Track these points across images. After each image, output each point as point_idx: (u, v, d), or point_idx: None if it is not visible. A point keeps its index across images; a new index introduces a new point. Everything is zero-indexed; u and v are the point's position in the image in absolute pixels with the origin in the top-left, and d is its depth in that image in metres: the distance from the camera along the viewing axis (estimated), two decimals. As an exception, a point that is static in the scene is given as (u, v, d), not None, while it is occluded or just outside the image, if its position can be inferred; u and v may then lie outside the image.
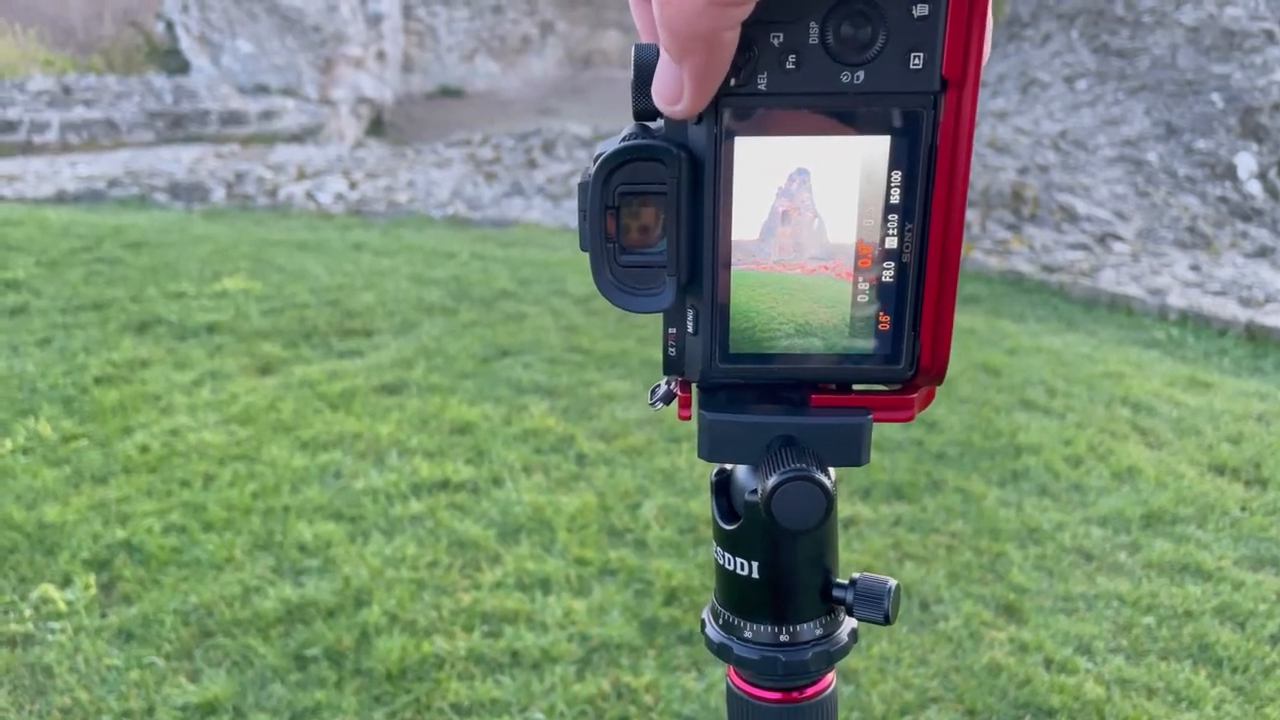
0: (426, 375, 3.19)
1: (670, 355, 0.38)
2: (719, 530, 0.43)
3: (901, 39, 0.32)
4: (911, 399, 0.37)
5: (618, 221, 0.34)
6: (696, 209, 0.34)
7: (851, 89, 0.32)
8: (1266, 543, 2.40)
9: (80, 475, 2.52)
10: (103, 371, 3.14)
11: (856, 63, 0.32)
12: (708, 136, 0.33)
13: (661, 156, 0.33)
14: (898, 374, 0.36)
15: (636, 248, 0.35)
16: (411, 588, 2.07)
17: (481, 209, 6.28)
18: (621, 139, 0.34)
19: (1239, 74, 7.41)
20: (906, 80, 0.32)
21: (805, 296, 0.35)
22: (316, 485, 2.49)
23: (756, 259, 0.34)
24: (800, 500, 0.35)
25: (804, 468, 0.35)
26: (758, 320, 0.35)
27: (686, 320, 0.37)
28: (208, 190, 6.45)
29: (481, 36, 11.95)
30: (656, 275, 0.35)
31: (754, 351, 0.36)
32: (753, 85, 0.32)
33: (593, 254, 0.35)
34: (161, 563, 2.14)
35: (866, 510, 2.46)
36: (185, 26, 9.57)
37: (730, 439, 0.38)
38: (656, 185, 0.34)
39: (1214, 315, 4.33)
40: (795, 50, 0.32)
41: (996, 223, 5.79)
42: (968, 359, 3.55)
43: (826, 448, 0.37)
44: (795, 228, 0.34)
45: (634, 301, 0.35)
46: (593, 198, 0.34)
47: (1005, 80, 8.86)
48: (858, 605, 0.43)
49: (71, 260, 4.33)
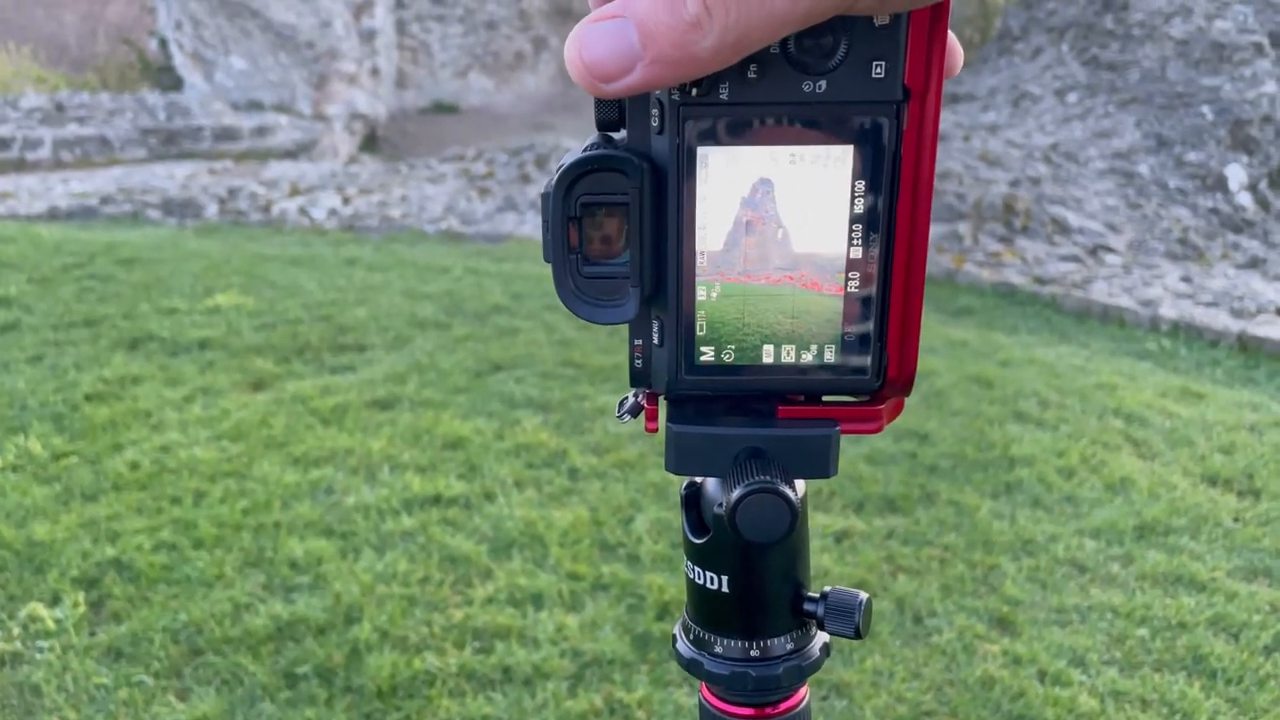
0: (419, 390, 3.19)
1: (636, 367, 0.37)
2: (689, 544, 0.43)
3: (863, 48, 0.32)
4: (879, 410, 0.37)
5: (580, 232, 0.34)
6: (660, 219, 0.34)
7: (814, 98, 0.32)
8: (1260, 553, 2.40)
9: (70, 493, 2.51)
10: (94, 388, 3.13)
11: (818, 72, 0.32)
12: (670, 147, 0.33)
13: (623, 167, 0.33)
14: (865, 385, 0.36)
15: (599, 259, 0.35)
16: (403, 604, 2.06)
17: (475, 224, 6.29)
18: (583, 149, 0.34)
19: (1228, 86, 7.45)
20: (869, 89, 0.32)
21: (771, 307, 0.35)
22: (308, 501, 2.48)
23: (721, 270, 0.34)
24: (764, 513, 0.35)
25: (768, 480, 0.35)
26: (723, 331, 0.35)
27: (652, 332, 0.36)
28: (201, 206, 6.45)
29: (475, 52, 11.99)
30: (620, 287, 0.35)
31: (720, 363, 0.36)
32: (714, 95, 0.32)
33: (555, 265, 0.35)
34: (151, 580, 2.13)
35: (860, 523, 2.46)
36: (179, 43, 9.58)
37: (697, 451, 0.38)
38: (619, 196, 0.33)
39: (1206, 326, 4.34)
40: (757, 59, 0.32)
41: (988, 235, 5.80)
42: (960, 371, 3.55)
43: (794, 460, 0.37)
44: (760, 238, 0.34)
45: (597, 313, 0.35)
46: (554, 208, 0.34)
47: (996, 93, 8.91)
48: (828, 619, 0.43)
49: (63, 277, 4.32)
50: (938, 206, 6.11)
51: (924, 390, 3.35)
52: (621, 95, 0.30)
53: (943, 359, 3.69)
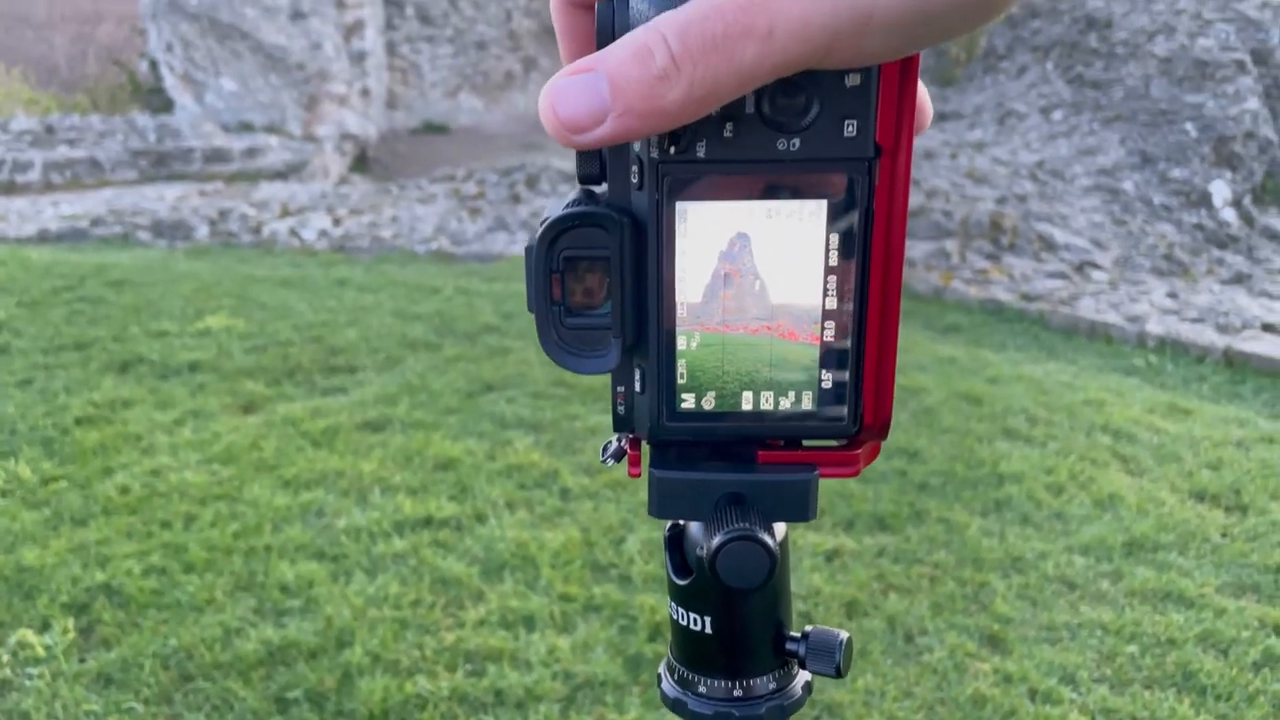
0: (410, 411, 3.19)
1: (619, 413, 0.38)
2: (672, 585, 0.44)
3: (835, 107, 0.33)
4: (856, 454, 0.38)
5: (563, 285, 0.35)
6: (640, 272, 0.35)
7: (788, 155, 0.33)
8: (1248, 569, 2.42)
9: (60, 517, 2.50)
10: (84, 412, 3.13)
11: (792, 130, 0.33)
12: (649, 202, 0.34)
13: (603, 223, 0.34)
14: (842, 430, 0.37)
15: (582, 310, 0.36)
16: (394, 627, 2.06)
17: (466, 244, 6.30)
18: (566, 205, 0.35)
19: (1211, 103, 7.52)
20: (841, 147, 0.33)
21: (749, 356, 0.36)
22: (299, 524, 2.48)
23: (701, 320, 0.35)
24: (744, 560, 0.36)
25: (748, 527, 0.36)
26: (703, 379, 0.36)
27: (634, 379, 0.37)
28: (191, 228, 6.45)
29: (465, 73, 12.04)
30: (602, 337, 0.36)
31: (700, 410, 0.37)
32: (692, 153, 0.33)
33: (538, 317, 0.36)
34: (141, 605, 2.13)
35: (850, 542, 2.46)
36: (169, 65, 9.60)
37: (678, 496, 0.39)
38: (600, 250, 0.35)
39: (1192, 342, 4.37)
40: (732, 118, 0.33)
41: (976, 252, 5.84)
42: (949, 388, 3.57)
43: (773, 504, 0.38)
44: (738, 290, 0.35)
45: (580, 364, 0.36)
46: (537, 263, 0.35)
47: (982, 112, 8.97)
48: (810, 658, 0.44)
49: (53, 300, 4.32)
50: (926, 224, 6.15)
51: (913, 408, 3.36)
52: (593, 146, 0.31)
53: (932, 376, 3.71)
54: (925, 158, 7.61)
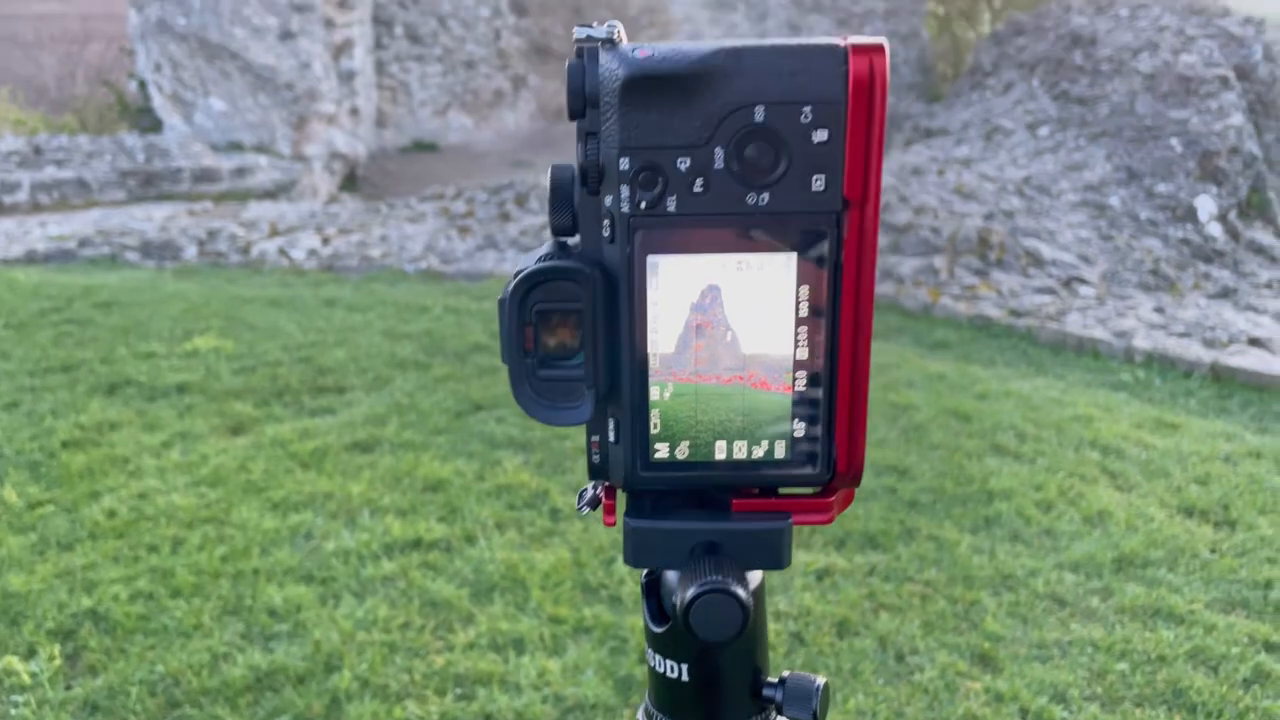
0: (399, 432, 3.18)
1: (594, 462, 0.39)
2: (649, 632, 0.44)
3: (803, 163, 0.33)
4: (830, 501, 0.38)
5: (536, 337, 0.35)
6: (613, 323, 0.35)
7: (758, 210, 0.34)
8: (1237, 584, 2.42)
9: (46, 542, 2.48)
10: (71, 435, 3.11)
11: (761, 185, 0.33)
12: (621, 256, 0.34)
13: (575, 277, 0.34)
14: (815, 478, 0.38)
15: (555, 362, 0.36)
16: (383, 651, 2.05)
17: (455, 262, 6.30)
18: (539, 258, 0.35)
19: (1196, 119, 7.58)
20: (810, 201, 0.34)
21: (722, 405, 0.36)
22: (287, 547, 2.46)
23: (674, 370, 0.36)
24: (716, 613, 0.36)
25: (720, 580, 0.36)
26: (677, 429, 0.36)
27: (609, 429, 0.37)
28: (179, 248, 6.43)
29: (454, 91, 12.06)
30: (575, 389, 0.36)
31: (674, 459, 0.37)
32: (663, 207, 0.34)
33: (512, 369, 0.36)
34: (128, 631, 2.11)
35: (841, 560, 2.46)
36: (158, 85, 9.60)
37: (653, 545, 0.39)
38: (572, 303, 0.35)
39: (1179, 356, 4.39)
40: (702, 174, 0.33)
41: (964, 268, 5.86)
42: (939, 404, 3.58)
43: (748, 552, 0.38)
44: (710, 341, 0.35)
45: (554, 415, 0.36)
46: (510, 315, 0.35)
47: (969, 128, 9.03)
48: (787, 704, 0.44)
49: (40, 321, 4.30)
50: (914, 240, 6.17)
51: (903, 424, 3.37)
52: None
53: (921, 392, 3.72)
54: (913, 174, 7.64)
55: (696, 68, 0.33)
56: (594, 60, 0.32)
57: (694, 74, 0.33)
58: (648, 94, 0.34)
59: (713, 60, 0.33)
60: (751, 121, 0.33)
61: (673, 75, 0.33)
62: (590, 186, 0.35)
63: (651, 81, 0.34)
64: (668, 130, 0.33)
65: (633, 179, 0.34)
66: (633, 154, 0.34)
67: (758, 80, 0.33)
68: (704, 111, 0.33)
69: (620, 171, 0.34)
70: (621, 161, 0.35)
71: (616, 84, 0.31)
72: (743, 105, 0.33)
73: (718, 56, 0.34)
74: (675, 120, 0.33)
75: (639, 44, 0.33)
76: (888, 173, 7.77)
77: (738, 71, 0.33)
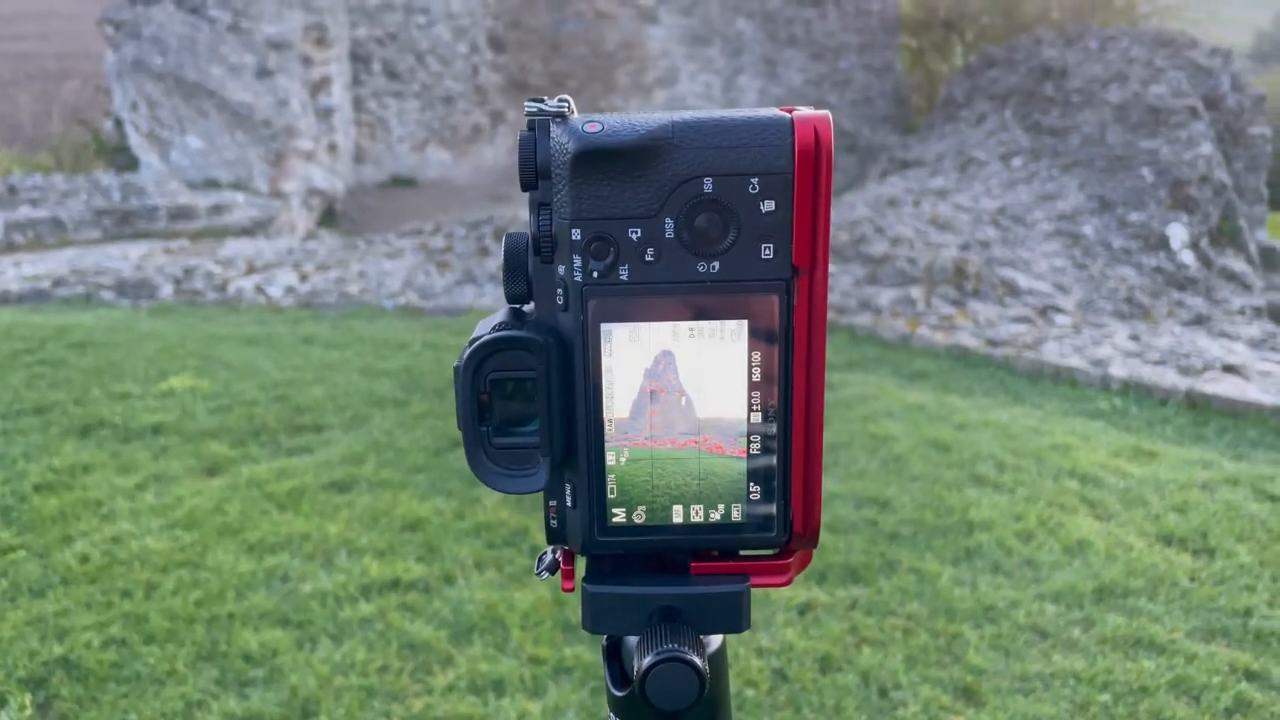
0: (377, 471, 3.16)
1: (552, 526, 0.38)
2: (611, 696, 0.43)
3: (752, 232, 0.33)
4: (788, 564, 0.38)
5: (491, 406, 0.35)
6: (568, 390, 0.35)
7: (708, 277, 0.34)
8: (1216, 613, 2.43)
9: (17, 588, 2.44)
10: (43, 478, 3.07)
11: (711, 254, 0.34)
12: (575, 324, 0.35)
13: (529, 346, 0.34)
14: (772, 540, 0.37)
15: (510, 428, 0.36)
16: (361, 695, 2.02)
17: (434, 298, 6.29)
18: (493, 326, 0.35)
19: (1166, 149, 7.70)
20: (759, 269, 0.34)
21: (678, 470, 0.36)
22: (263, 590, 2.43)
23: (629, 435, 0.36)
24: (672, 682, 0.36)
25: (676, 648, 0.36)
26: (633, 493, 0.36)
27: (566, 494, 0.37)
28: (155, 287, 6.40)
29: (433, 126, 12.11)
30: (531, 456, 0.36)
31: (631, 523, 0.37)
32: (615, 276, 0.34)
33: (466, 438, 0.36)
34: (100, 679, 2.07)
35: (823, 594, 2.45)
36: (134, 124, 9.59)
37: (612, 610, 0.38)
38: (526, 371, 0.35)
39: (1155, 384, 4.42)
40: (653, 244, 0.33)
41: (941, 298, 5.90)
42: (918, 435, 3.59)
43: (707, 615, 0.38)
44: (664, 406, 0.35)
45: (510, 484, 0.36)
46: (464, 385, 0.35)
47: (944, 159, 9.13)
48: None
49: (13, 363, 4.26)
50: (891, 271, 6.22)
51: (883, 455, 3.37)
52: None
53: (900, 423, 3.73)
54: (889, 205, 7.72)
55: (645, 141, 0.34)
56: (545, 133, 0.32)
57: (643, 147, 0.34)
58: (598, 167, 0.34)
59: (661, 134, 0.34)
60: (700, 193, 0.33)
61: (621, 149, 0.34)
62: (544, 255, 0.36)
63: (601, 155, 0.34)
64: (619, 201, 0.33)
65: (585, 249, 0.34)
66: (584, 224, 0.35)
67: (705, 153, 0.34)
68: (654, 183, 0.34)
69: (573, 241, 0.35)
70: (574, 232, 0.35)
71: (567, 157, 0.31)
72: (691, 177, 0.34)
73: (666, 130, 0.34)
74: (626, 192, 0.34)
75: (589, 116, 0.33)
76: (864, 204, 7.84)
77: (686, 144, 0.34)
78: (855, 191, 8.92)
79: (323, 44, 9.99)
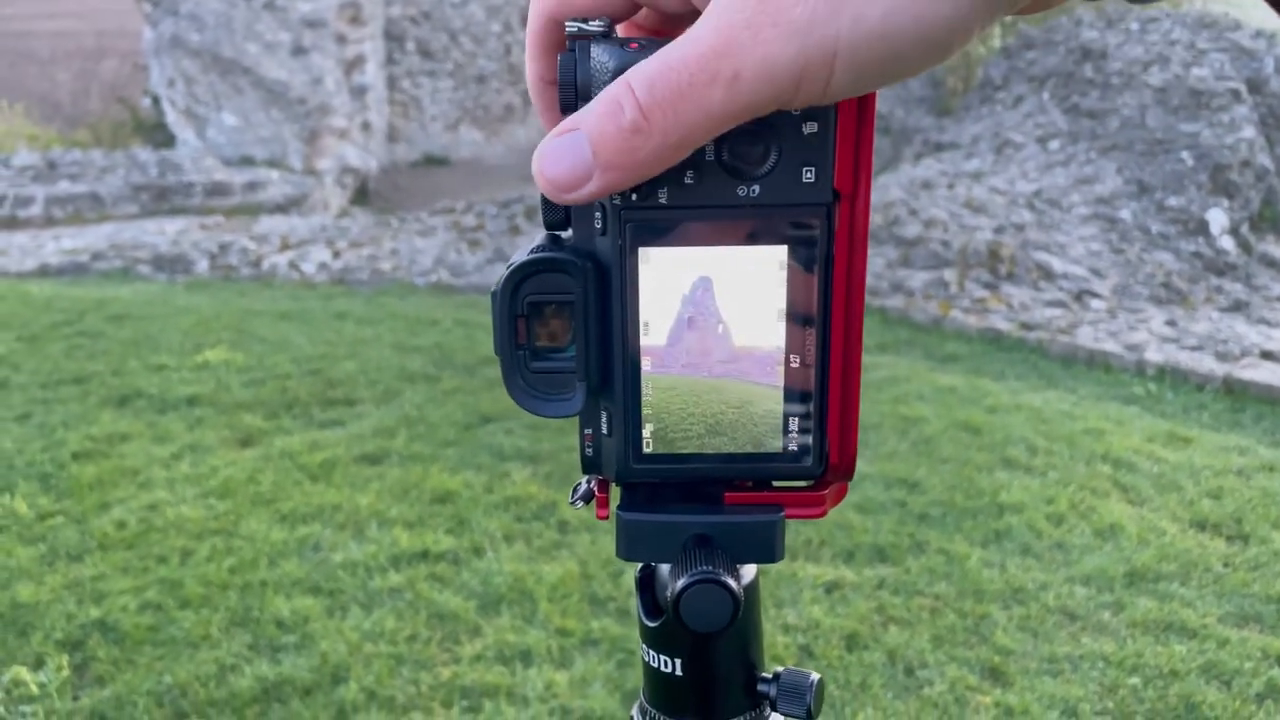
0: (408, 444, 3.18)
1: (587, 455, 0.39)
2: (643, 627, 0.44)
3: (793, 155, 0.33)
4: (823, 495, 0.38)
5: (528, 329, 0.35)
6: (605, 316, 0.35)
7: (748, 201, 0.34)
8: (1250, 599, 2.40)
9: (55, 553, 2.49)
10: (81, 447, 3.12)
11: (751, 177, 0.33)
12: (612, 247, 0.34)
13: (567, 268, 0.35)
14: (807, 471, 0.37)
15: (547, 354, 0.36)
16: (390, 663, 2.05)
17: (465, 276, 6.32)
18: (530, 250, 0.35)
19: (1207, 132, 7.56)
20: (800, 193, 0.34)
21: (714, 398, 0.36)
22: (295, 559, 2.46)
23: (665, 363, 0.36)
24: (707, 603, 0.36)
25: (711, 570, 0.36)
26: (669, 422, 0.36)
27: (601, 422, 0.37)
28: (191, 262, 6.47)
29: (465, 106, 12.13)
30: (567, 381, 0.36)
31: (667, 452, 0.37)
32: (654, 199, 0.34)
33: (503, 361, 0.36)
34: (136, 642, 2.11)
35: (850, 573, 2.45)
36: (171, 101, 9.68)
37: (646, 538, 0.39)
38: (564, 295, 0.35)
39: (1191, 370, 4.36)
40: (693, 166, 0.33)
41: (974, 281, 5.85)
42: (949, 418, 3.56)
43: (740, 545, 0.38)
44: (701, 333, 0.35)
45: (546, 407, 0.36)
46: (502, 307, 0.35)
47: (980, 141, 9.02)
48: (780, 700, 0.44)
49: (53, 334, 4.33)
50: (924, 253, 6.16)
51: (913, 437, 3.36)
52: (583, 202, 0.32)
53: (931, 406, 3.70)
54: (923, 188, 7.64)
55: None
56: (585, 53, 0.32)
57: None
58: None
59: None
60: None
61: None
62: None
63: None
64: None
65: None
66: None
67: None
68: None
69: None
70: None
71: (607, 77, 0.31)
72: None
73: None
74: None
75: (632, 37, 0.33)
76: (899, 186, 7.77)
77: None
78: (889, 173, 8.85)
79: (357, 22, 10.02)
